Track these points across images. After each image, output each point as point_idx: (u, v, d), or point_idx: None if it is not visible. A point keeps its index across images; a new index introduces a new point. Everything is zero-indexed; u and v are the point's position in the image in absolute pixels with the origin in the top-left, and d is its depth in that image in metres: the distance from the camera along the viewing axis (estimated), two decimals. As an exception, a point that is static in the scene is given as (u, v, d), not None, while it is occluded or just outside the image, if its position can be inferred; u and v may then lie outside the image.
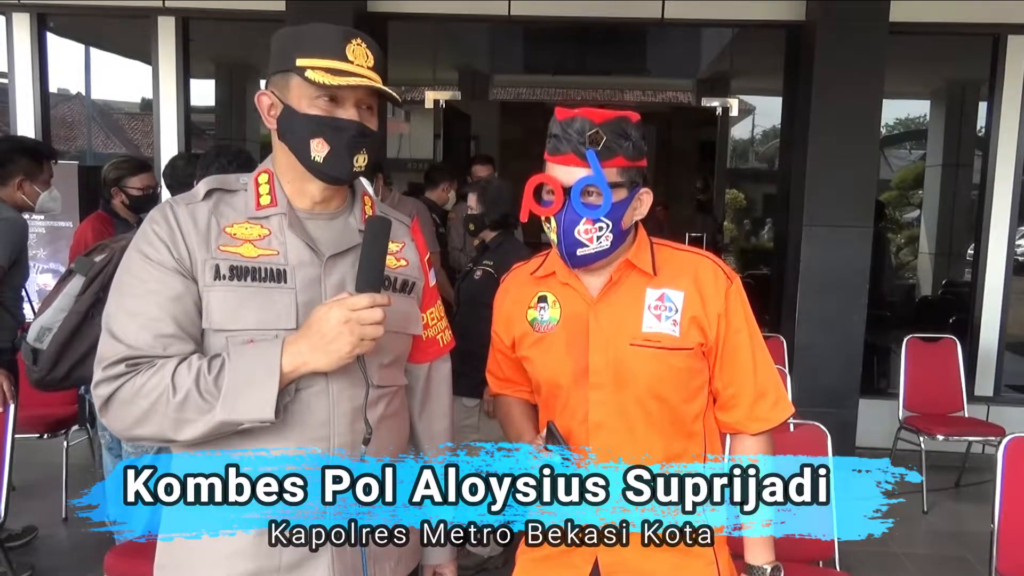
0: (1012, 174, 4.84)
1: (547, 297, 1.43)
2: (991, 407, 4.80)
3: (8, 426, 2.65)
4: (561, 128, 1.31)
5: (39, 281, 4.78)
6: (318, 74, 1.16)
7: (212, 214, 1.21)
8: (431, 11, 4.89)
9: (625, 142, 1.30)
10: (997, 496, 2.34)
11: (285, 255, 1.21)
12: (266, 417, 1.09)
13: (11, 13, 5.11)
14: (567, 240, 1.31)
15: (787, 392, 1.44)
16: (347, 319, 1.10)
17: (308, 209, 1.26)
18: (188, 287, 1.16)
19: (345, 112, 1.20)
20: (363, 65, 1.20)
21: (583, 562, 1.37)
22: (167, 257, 1.16)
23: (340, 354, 1.11)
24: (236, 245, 1.19)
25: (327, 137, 1.19)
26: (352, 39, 1.20)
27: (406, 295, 1.34)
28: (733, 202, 9.30)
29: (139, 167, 3.52)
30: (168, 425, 1.10)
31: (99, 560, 2.31)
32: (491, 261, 3.08)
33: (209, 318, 1.16)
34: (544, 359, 1.42)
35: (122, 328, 1.14)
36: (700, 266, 1.39)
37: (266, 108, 1.25)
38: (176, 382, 1.09)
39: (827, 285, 4.35)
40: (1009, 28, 4.70)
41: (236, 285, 1.17)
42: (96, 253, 2.19)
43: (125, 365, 1.12)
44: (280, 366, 1.10)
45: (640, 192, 1.35)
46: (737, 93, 8.10)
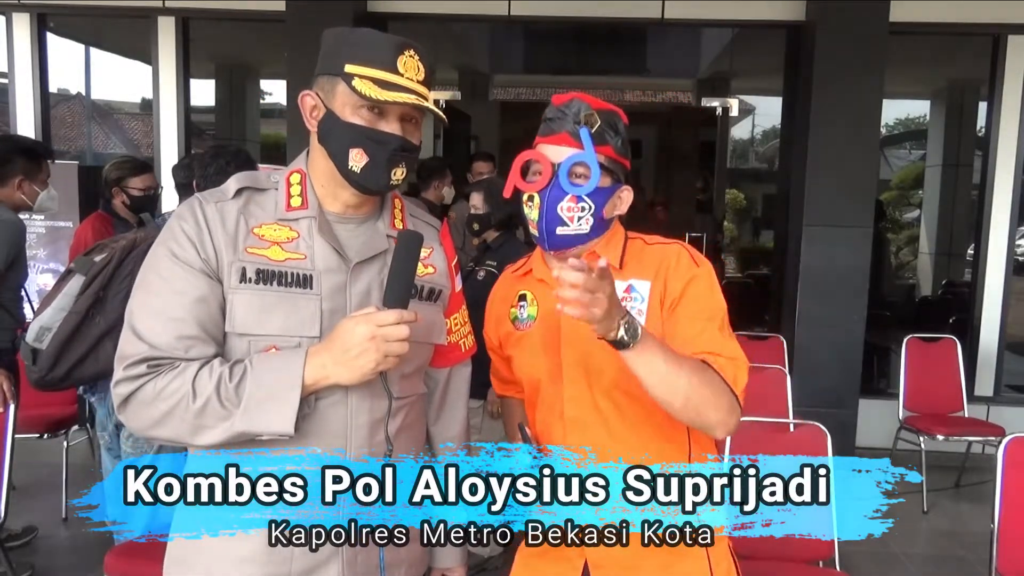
0: (1012, 174, 4.84)
1: (526, 295, 1.44)
2: (991, 407, 4.80)
3: (8, 426, 2.65)
4: (557, 110, 1.32)
5: (39, 281, 4.77)
6: (366, 84, 1.14)
7: (241, 213, 1.19)
8: (431, 11, 4.89)
9: (615, 136, 1.33)
10: (997, 496, 2.34)
11: (312, 260, 1.19)
12: (285, 431, 1.09)
13: (11, 13, 5.11)
14: (548, 216, 1.32)
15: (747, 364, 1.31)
16: (373, 335, 1.09)
17: (339, 213, 1.25)
18: (213, 288, 1.15)
19: (388, 125, 1.18)
20: (413, 78, 1.18)
21: (576, 555, 1.37)
22: (194, 257, 1.15)
23: (364, 370, 1.10)
24: (264, 247, 1.18)
25: (367, 149, 1.18)
26: (406, 50, 1.18)
27: (432, 303, 1.33)
28: (733, 202, 9.30)
29: (140, 167, 3.52)
30: (186, 430, 1.10)
31: (99, 560, 2.31)
32: (494, 261, 3.07)
33: (232, 321, 1.15)
34: (524, 357, 1.43)
35: (145, 327, 1.13)
36: (667, 253, 1.37)
37: (308, 109, 1.23)
38: (197, 387, 1.09)
39: (827, 285, 4.35)
40: (1009, 28, 4.70)
41: (262, 289, 1.16)
42: (96, 253, 2.19)
43: (147, 366, 1.11)
44: (303, 379, 1.10)
45: (621, 189, 1.37)
46: (737, 93, 8.10)
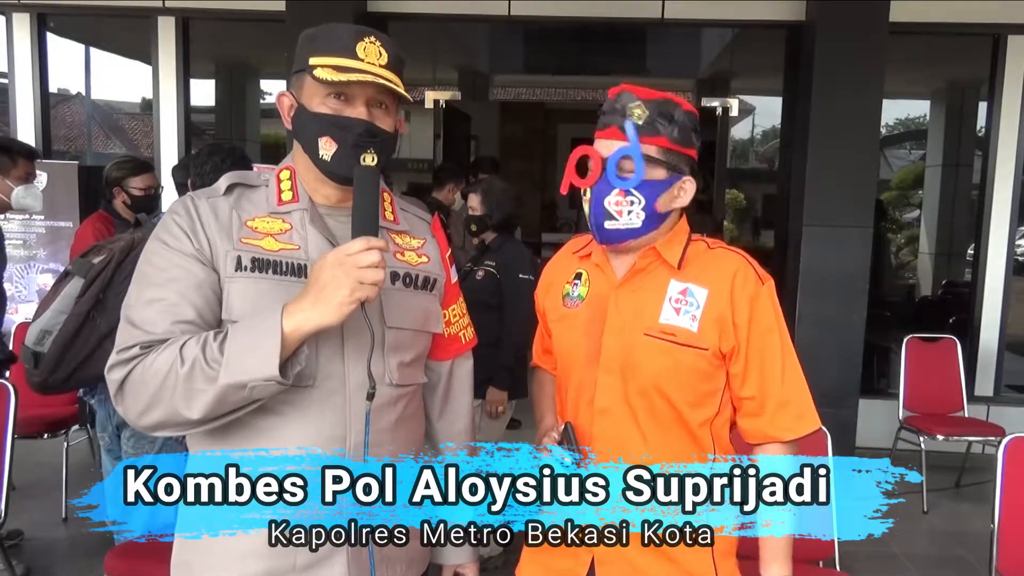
0: (1012, 174, 4.84)
1: (582, 274, 1.44)
2: (991, 407, 4.80)
3: (8, 426, 2.65)
4: (610, 104, 1.32)
5: (39, 281, 4.78)
6: (325, 71, 1.15)
7: (233, 208, 1.21)
8: (431, 11, 4.89)
9: (670, 124, 1.30)
10: (997, 496, 2.34)
11: (306, 249, 1.21)
12: (269, 374, 1.05)
13: (11, 13, 5.11)
14: (596, 211, 1.32)
15: (814, 408, 1.39)
16: (340, 262, 1.07)
17: (328, 205, 1.27)
18: (209, 275, 1.16)
19: (354, 111, 1.19)
20: (374, 63, 1.19)
21: (584, 551, 1.37)
22: (187, 245, 1.16)
23: (339, 299, 1.06)
24: (258, 238, 1.20)
25: (334, 135, 1.18)
26: (366, 37, 1.19)
27: (427, 292, 1.33)
28: (733, 202, 9.30)
29: (141, 167, 3.53)
30: (179, 399, 1.08)
31: (99, 560, 2.30)
32: (493, 262, 3.08)
33: (229, 309, 1.16)
34: (565, 335, 1.43)
35: (141, 315, 1.13)
36: (730, 265, 1.36)
37: (286, 109, 1.25)
38: (184, 354, 1.08)
39: (827, 285, 4.35)
40: (1009, 28, 4.70)
41: (257, 277, 1.17)
42: (94, 254, 2.18)
43: (140, 347, 1.11)
44: (280, 325, 1.07)
45: (683, 180, 1.34)
46: (737, 93, 8.09)
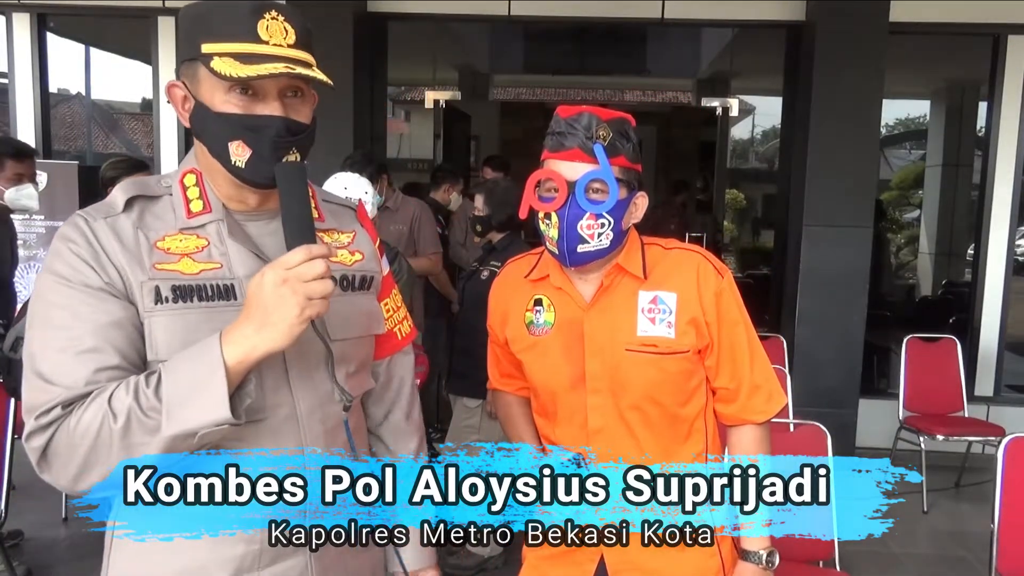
0: (1012, 174, 4.84)
1: (542, 300, 1.42)
2: (991, 407, 4.80)
3: (8, 426, 2.65)
4: (566, 124, 1.30)
5: (39, 281, 4.78)
6: (226, 63, 0.98)
7: (137, 227, 1.04)
8: (431, 11, 4.88)
9: (627, 143, 1.32)
10: (997, 496, 2.34)
11: (229, 267, 1.06)
12: (221, 418, 0.93)
13: (11, 13, 5.10)
14: (569, 235, 1.30)
15: (780, 386, 1.46)
16: (284, 279, 0.94)
17: (246, 211, 1.11)
18: (126, 309, 1.00)
19: (267, 107, 1.03)
20: (281, 43, 1.02)
21: (587, 560, 1.38)
22: (93, 278, 1.00)
23: (288, 322, 0.94)
24: (173, 261, 1.04)
25: (247, 140, 1.03)
26: (266, 13, 1.01)
27: (366, 291, 1.21)
28: (733, 202, 9.31)
29: (136, 166, 3.53)
30: (119, 457, 0.95)
31: (99, 560, 2.30)
32: (498, 262, 3.08)
33: (155, 348, 1.01)
34: (540, 363, 1.42)
35: (53, 368, 0.97)
36: (690, 265, 1.38)
37: (179, 101, 1.08)
38: (114, 407, 0.93)
39: (827, 285, 4.35)
40: (1009, 28, 4.70)
41: (182, 308, 1.02)
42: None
43: (61, 408, 0.95)
44: (222, 359, 0.94)
45: (636, 196, 1.36)
46: (737, 93, 8.10)
